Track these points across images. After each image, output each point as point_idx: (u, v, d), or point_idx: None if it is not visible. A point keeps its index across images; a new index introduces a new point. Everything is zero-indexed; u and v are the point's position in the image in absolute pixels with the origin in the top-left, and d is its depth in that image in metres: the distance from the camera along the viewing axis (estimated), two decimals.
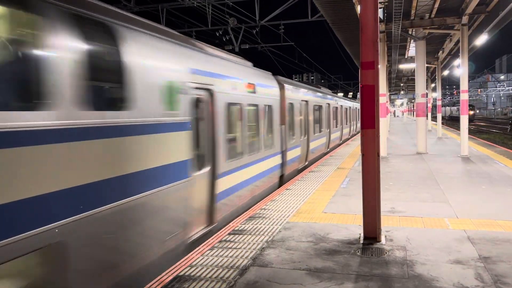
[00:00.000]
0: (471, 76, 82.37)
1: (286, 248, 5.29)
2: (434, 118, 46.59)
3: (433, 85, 36.79)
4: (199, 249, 5.34)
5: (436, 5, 13.65)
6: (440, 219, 6.45)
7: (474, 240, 5.43)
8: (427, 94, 18.07)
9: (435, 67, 27.11)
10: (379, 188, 5.49)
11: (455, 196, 8.10)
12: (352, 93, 75.28)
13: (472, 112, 66.01)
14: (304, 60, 49.72)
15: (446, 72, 34.99)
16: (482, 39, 16.80)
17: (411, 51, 22.57)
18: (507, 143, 27.38)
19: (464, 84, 14.76)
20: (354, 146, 19.46)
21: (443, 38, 20.08)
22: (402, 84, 47.49)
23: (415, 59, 16.59)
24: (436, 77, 27.66)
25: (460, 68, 14.96)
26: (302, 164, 13.63)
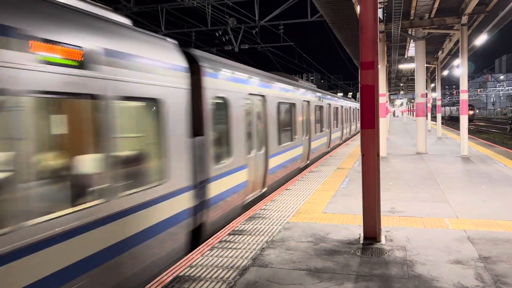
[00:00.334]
0: (471, 76, 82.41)
1: (286, 248, 5.29)
2: (434, 118, 46.61)
3: (432, 85, 36.78)
4: (199, 249, 5.34)
5: (436, 5, 13.65)
6: (440, 219, 6.46)
7: (474, 240, 5.43)
8: (426, 94, 18.08)
9: (435, 67, 27.12)
10: (379, 188, 5.49)
11: (455, 196, 8.10)
12: (352, 93, 75.36)
13: (471, 112, 66.05)
14: (303, 60, 49.81)
15: (445, 72, 35.01)
16: (481, 39, 16.81)
17: (411, 51, 22.57)
18: (507, 143, 27.39)
19: (463, 84, 14.76)
20: (354, 146, 19.47)
21: (443, 38, 20.09)
22: (402, 84, 47.50)
23: (414, 59, 16.60)
24: (436, 77, 27.66)
25: (460, 68, 14.97)
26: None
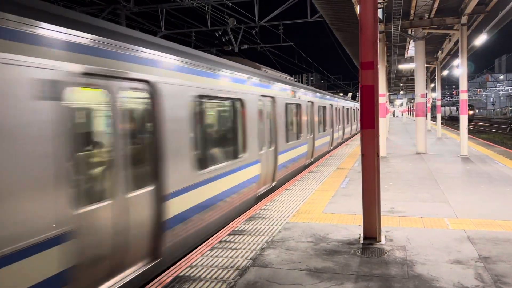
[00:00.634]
0: (471, 76, 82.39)
1: (286, 248, 5.29)
2: (434, 118, 46.57)
3: (432, 85, 36.77)
4: (199, 249, 5.34)
5: (436, 5, 13.66)
6: (440, 219, 6.46)
7: (474, 240, 5.43)
8: (426, 94, 18.08)
9: (435, 67, 27.11)
10: (379, 188, 5.49)
11: (455, 196, 8.10)
12: (352, 93, 75.36)
13: (471, 112, 66.04)
14: (303, 61, 49.78)
15: (445, 72, 35.01)
16: (481, 39, 16.81)
17: (411, 51, 22.56)
18: (507, 143, 27.38)
19: (463, 84, 14.76)
20: (354, 146, 19.47)
21: (443, 38, 20.09)
22: (402, 84, 47.50)
23: (414, 59, 16.59)
24: (436, 77, 27.67)
25: (460, 68, 14.97)
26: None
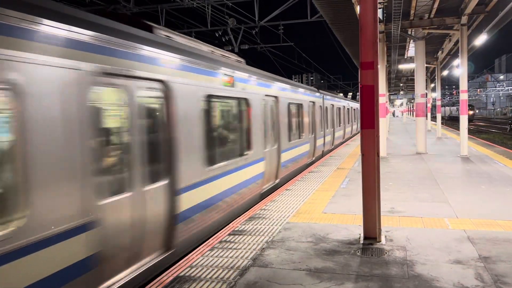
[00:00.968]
0: (471, 76, 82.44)
1: (286, 248, 5.29)
2: (434, 118, 46.62)
3: (432, 85, 36.79)
4: (199, 249, 5.34)
5: (435, 5, 13.66)
6: (440, 219, 6.46)
7: (474, 240, 5.43)
8: (426, 94, 18.07)
9: (435, 67, 27.12)
10: (379, 188, 5.50)
11: (454, 196, 8.11)
12: (352, 93, 75.35)
13: (471, 112, 66.03)
14: (303, 61, 49.73)
15: (445, 72, 35.00)
16: (481, 39, 16.81)
17: (411, 51, 22.57)
18: (507, 143, 27.38)
19: (463, 84, 14.77)
20: (354, 146, 19.46)
21: (443, 38, 20.09)
22: (402, 84, 47.50)
23: (414, 59, 16.59)
24: (436, 77, 27.67)
25: (460, 68, 14.97)
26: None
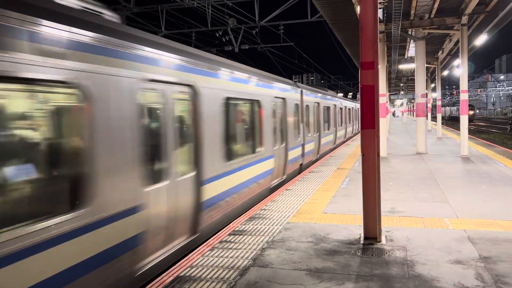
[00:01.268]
0: (471, 76, 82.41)
1: (286, 248, 5.29)
2: (434, 118, 46.59)
3: (432, 85, 36.79)
4: (199, 249, 5.34)
5: (436, 5, 13.66)
6: (440, 219, 6.46)
7: (474, 240, 5.43)
8: (426, 94, 18.06)
9: (435, 67, 27.11)
10: (379, 188, 5.49)
11: (455, 196, 8.11)
12: (352, 93, 75.34)
13: (472, 112, 66.01)
14: (303, 61, 49.75)
15: (445, 72, 34.98)
16: (481, 39, 16.80)
17: (411, 51, 22.57)
18: (507, 143, 27.38)
19: (463, 84, 14.76)
20: (354, 146, 19.46)
21: (443, 38, 20.09)
22: (402, 84, 47.48)
23: (414, 59, 16.60)
24: (436, 77, 27.66)
25: (460, 68, 14.96)
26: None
